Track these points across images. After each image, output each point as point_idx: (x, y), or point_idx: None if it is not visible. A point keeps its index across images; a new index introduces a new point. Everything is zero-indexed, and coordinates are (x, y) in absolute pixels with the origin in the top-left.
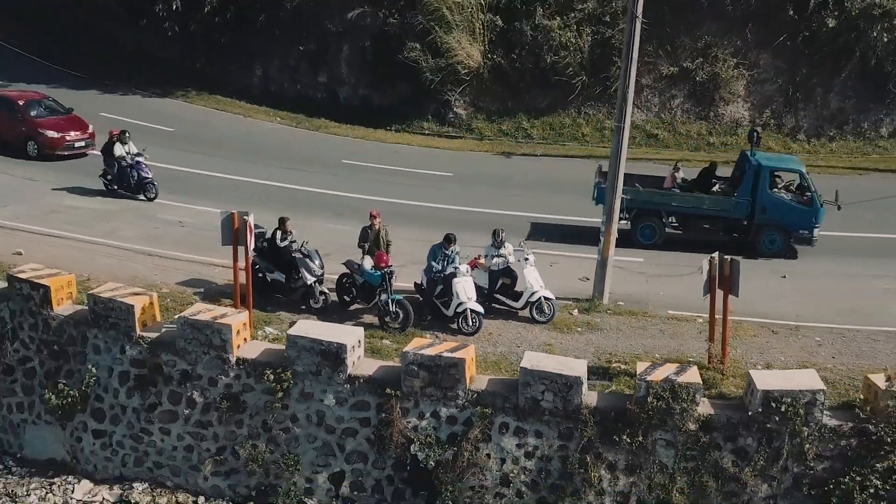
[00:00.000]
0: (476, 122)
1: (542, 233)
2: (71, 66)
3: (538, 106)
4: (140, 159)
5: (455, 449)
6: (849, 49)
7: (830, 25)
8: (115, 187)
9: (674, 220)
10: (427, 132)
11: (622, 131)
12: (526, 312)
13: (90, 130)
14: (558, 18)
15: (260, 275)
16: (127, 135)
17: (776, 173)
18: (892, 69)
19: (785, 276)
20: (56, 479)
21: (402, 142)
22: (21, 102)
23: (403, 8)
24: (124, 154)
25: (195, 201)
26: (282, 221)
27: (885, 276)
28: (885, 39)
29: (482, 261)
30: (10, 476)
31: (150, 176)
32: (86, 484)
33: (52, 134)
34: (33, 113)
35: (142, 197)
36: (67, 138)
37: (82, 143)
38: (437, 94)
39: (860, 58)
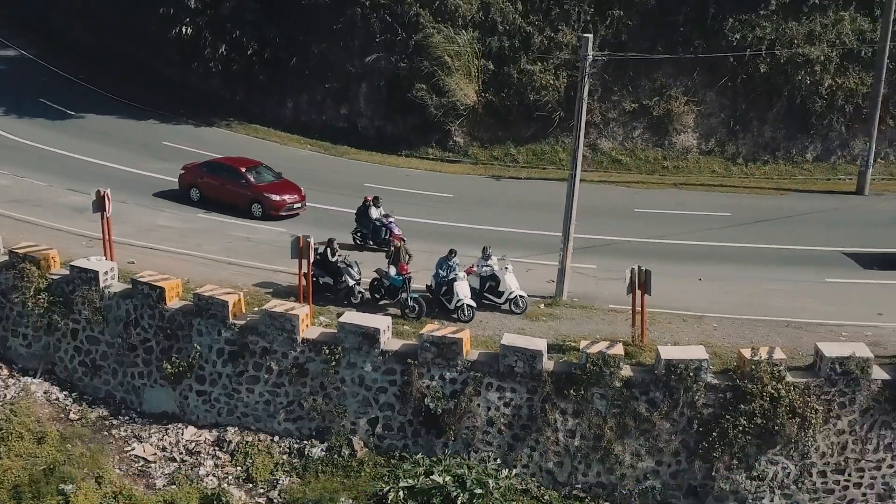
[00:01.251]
0: (472, 148)
1: (522, 244)
2: (130, 98)
3: (523, 135)
4: (391, 220)
5: (455, 401)
6: (778, 89)
7: (763, 70)
8: (370, 242)
9: None
10: (431, 157)
11: (574, 179)
12: (506, 307)
13: (303, 193)
14: (539, 64)
15: (315, 279)
16: (379, 200)
17: None
18: (813, 106)
19: (701, 279)
20: (169, 426)
21: (412, 166)
22: (244, 170)
23: (412, 54)
24: (379, 216)
25: (255, 221)
26: (330, 241)
27: (771, 279)
28: (808, 82)
29: (474, 269)
30: (133, 424)
31: (400, 232)
32: (192, 429)
33: (275, 197)
34: (255, 179)
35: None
36: (287, 201)
37: (298, 205)
38: (439, 125)
39: (788, 96)
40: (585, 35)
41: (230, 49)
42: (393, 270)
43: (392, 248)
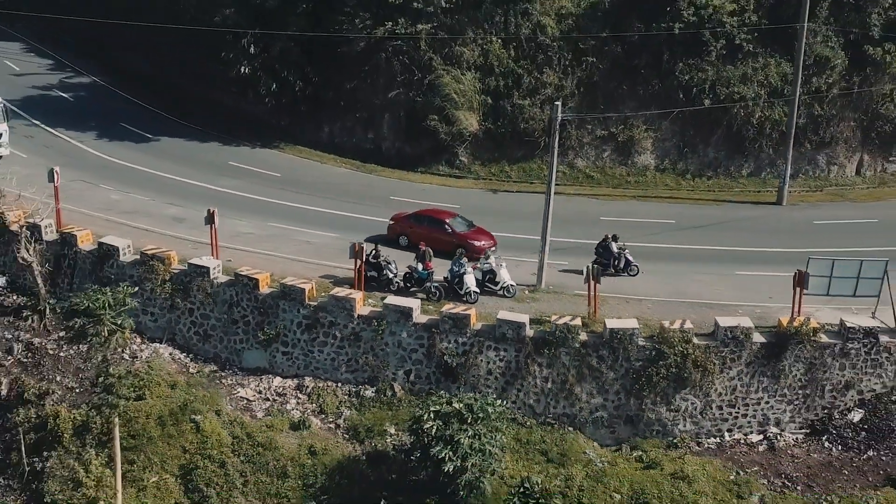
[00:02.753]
0: (474, 167)
1: (512, 245)
2: (194, 123)
3: (515, 156)
4: (627, 252)
5: (465, 357)
6: (719, 120)
7: (706, 104)
8: (611, 270)
9: None
10: (442, 174)
11: (549, 197)
12: (501, 293)
13: (495, 239)
14: (528, 99)
15: (364, 273)
16: (617, 237)
17: None
18: (746, 133)
19: (643, 272)
20: (262, 377)
21: (426, 181)
22: (447, 220)
23: (426, 91)
24: (617, 249)
25: (313, 228)
26: (376, 246)
27: (697, 272)
28: (742, 114)
29: (478, 266)
30: (236, 375)
31: (633, 260)
32: (278, 379)
33: (477, 243)
34: (459, 229)
35: (625, 274)
36: (485, 246)
37: (493, 249)
38: (448, 148)
39: (726, 125)
40: (556, 103)
41: (279, 85)
42: (420, 266)
43: (420, 251)
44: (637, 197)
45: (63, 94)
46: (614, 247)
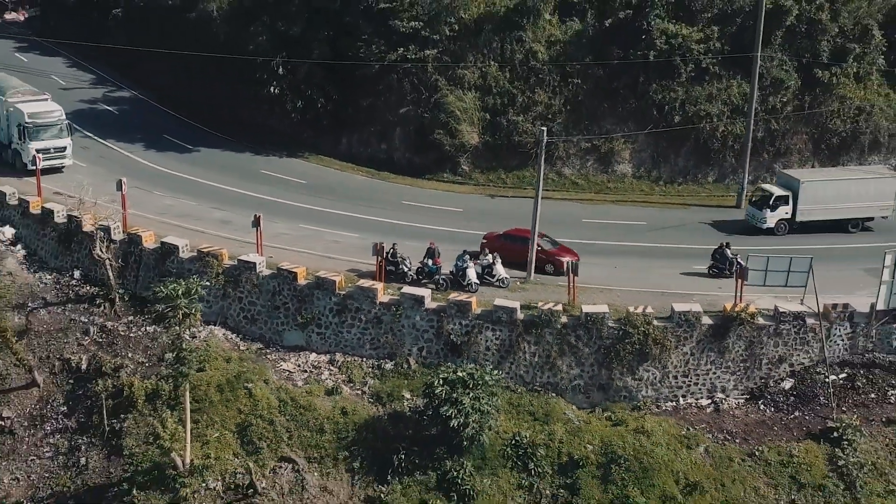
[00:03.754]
0: (474, 174)
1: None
2: (228, 135)
3: (510, 165)
4: (738, 256)
5: (467, 336)
6: (688, 133)
7: (677, 120)
8: (726, 273)
9: None
10: (446, 181)
11: (537, 204)
12: (497, 284)
13: (577, 254)
14: (521, 116)
15: (384, 268)
16: (730, 244)
17: None
18: (712, 145)
19: (616, 267)
20: (300, 353)
21: (432, 188)
22: (539, 239)
23: (433, 108)
24: (731, 255)
25: (338, 229)
26: (394, 245)
27: (661, 267)
28: (708, 128)
29: (478, 261)
30: (278, 352)
31: (744, 264)
32: (314, 355)
33: (563, 258)
34: (546, 247)
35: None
36: (570, 261)
37: (576, 264)
38: (452, 158)
39: (694, 138)
40: (542, 128)
41: (304, 102)
42: (430, 262)
43: (430, 249)
44: (615, 201)
45: (108, 108)
46: (728, 253)
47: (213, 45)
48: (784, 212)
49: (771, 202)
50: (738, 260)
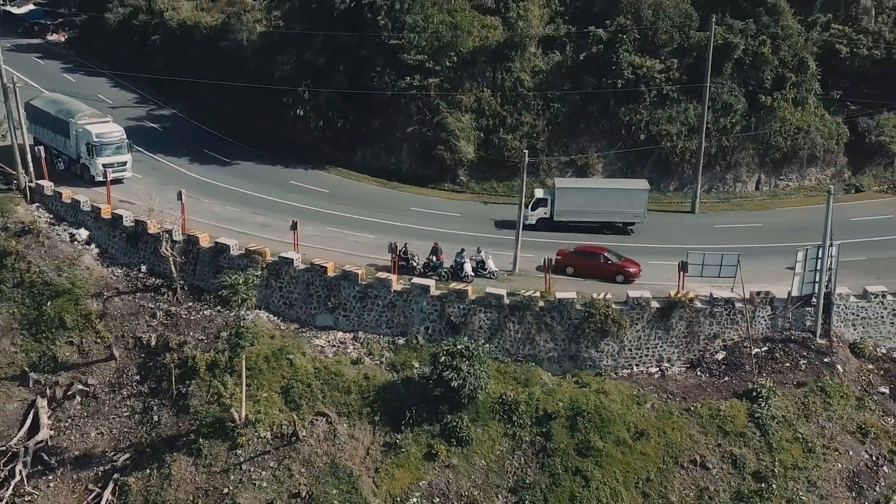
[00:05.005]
0: (471, 184)
1: (497, 243)
2: (260, 150)
3: (501, 176)
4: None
5: (464, 317)
6: (652, 150)
7: (643, 138)
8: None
9: None
10: (447, 189)
11: (521, 209)
12: (488, 276)
13: (640, 265)
14: (510, 134)
15: (397, 263)
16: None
17: None
18: (673, 159)
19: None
20: (330, 332)
21: (435, 195)
22: (605, 253)
23: (435, 127)
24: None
25: (358, 231)
26: (405, 244)
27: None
28: (668, 145)
29: (473, 257)
30: (312, 331)
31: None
32: (341, 333)
33: (633, 269)
34: (613, 259)
35: None
36: (635, 272)
37: (639, 272)
38: (452, 170)
39: (657, 153)
40: (524, 150)
41: (325, 122)
42: (435, 258)
43: (434, 247)
44: None
45: (153, 125)
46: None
47: (245, 70)
48: (543, 212)
49: (531, 204)
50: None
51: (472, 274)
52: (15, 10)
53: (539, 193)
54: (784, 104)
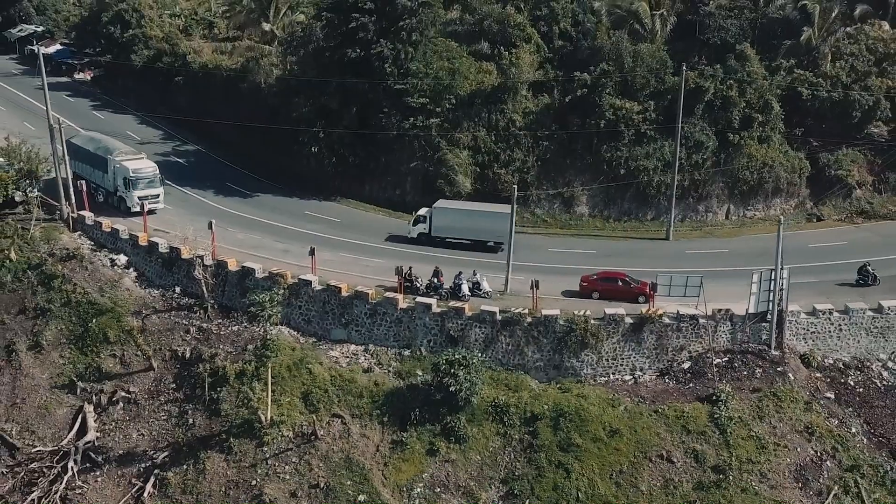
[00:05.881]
0: None
1: (491, 266)
2: (277, 183)
3: None
4: (874, 270)
5: (462, 332)
6: (631, 183)
7: (622, 172)
8: (870, 284)
9: None
10: None
11: (511, 237)
12: (483, 296)
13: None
14: (503, 169)
15: (403, 284)
16: (869, 263)
17: None
18: (650, 192)
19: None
20: (343, 345)
21: None
22: (627, 278)
23: (436, 163)
24: (871, 271)
25: (367, 256)
26: (409, 268)
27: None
28: (646, 179)
29: (470, 279)
30: (327, 344)
31: (879, 276)
32: (353, 346)
33: (647, 290)
34: (632, 283)
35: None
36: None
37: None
38: (452, 199)
39: (636, 186)
40: (509, 205)
41: (337, 158)
42: (436, 280)
43: (435, 269)
44: (574, 235)
45: (179, 160)
46: (870, 268)
47: (263, 109)
48: (423, 228)
49: (413, 220)
50: (874, 272)
51: (469, 294)
52: (43, 50)
53: (420, 212)
54: (751, 141)
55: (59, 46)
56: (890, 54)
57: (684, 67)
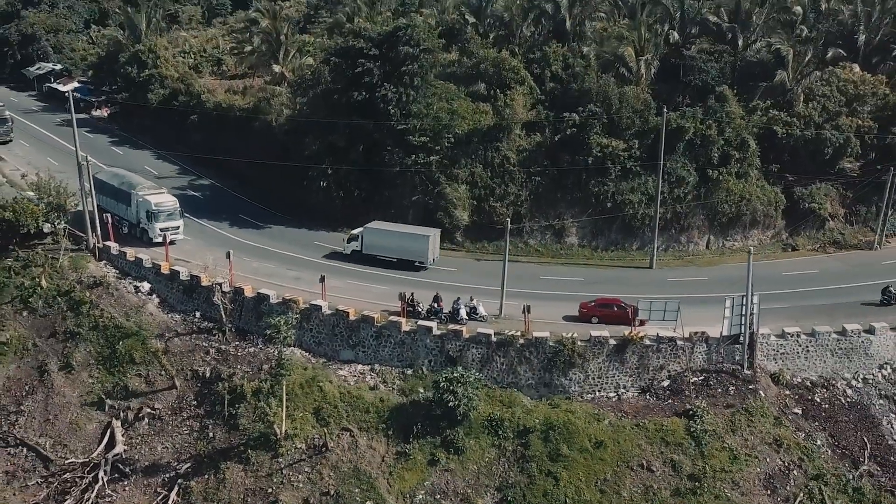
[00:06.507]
0: (466, 243)
1: (487, 293)
2: (288, 215)
3: (491, 237)
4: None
5: (460, 352)
6: (617, 216)
7: (609, 206)
8: (886, 303)
9: None
10: (446, 248)
11: (504, 266)
12: (479, 319)
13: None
14: (499, 203)
15: (405, 308)
16: (891, 285)
17: None
18: (635, 224)
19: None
20: (352, 365)
21: (440, 254)
22: (619, 303)
23: (436, 197)
24: (893, 290)
25: (373, 283)
26: (412, 294)
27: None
28: (631, 212)
29: (467, 304)
30: (336, 365)
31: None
32: (360, 366)
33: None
34: (625, 307)
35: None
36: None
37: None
38: (451, 232)
39: (621, 218)
40: (507, 218)
41: (344, 192)
42: (436, 305)
43: (435, 295)
44: (564, 263)
45: (195, 194)
46: (893, 290)
47: (273, 146)
48: (355, 245)
49: (347, 238)
50: None
51: (466, 317)
52: (61, 88)
53: (354, 231)
54: (729, 177)
55: (76, 84)
56: (860, 95)
57: (665, 109)
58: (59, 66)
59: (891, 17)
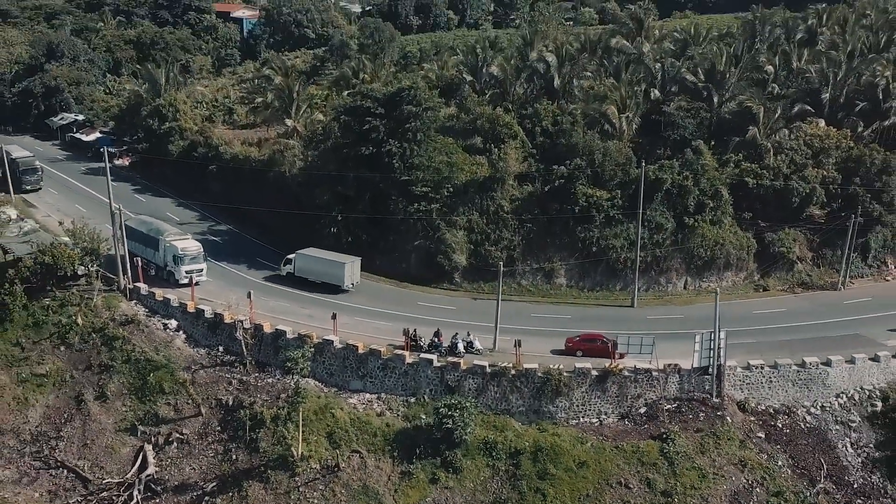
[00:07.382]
0: (464, 284)
1: (481, 329)
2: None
3: (487, 278)
4: None
5: (458, 382)
6: (602, 259)
7: (594, 250)
8: None
9: None
10: (445, 288)
11: (498, 305)
12: (475, 353)
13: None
14: (494, 247)
15: (409, 343)
16: None
17: None
18: (618, 266)
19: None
20: (360, 394)
21: (437, 293)
22: (602, 338)
23: (436, 241)
24: None
25: (379, 320)
26: (415, 330)
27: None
28: (615, 256)
29: (464, 339)
30: (347, 393)
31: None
32: (368, 395)
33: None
34: (608, 342)
35: None
36: (622, 351)
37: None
38: (450, 273)
39: (606, 261)
40: (500, 262)
41: (352, 237)
42: (436, 339)
43: (436, 331)
44: (553, 302)
45: (214, 238)
46: None
47: (287, 194)
48: (289, 269)
49: (283, 262)
50: None
51: (464, 351)
52: (84, 138)
53: (289, 256)
54: (704, 224)
55: (98, 134)
56: (825, 148)
57: (644, 163)
58: (80, 117)
59: (854, 77)
